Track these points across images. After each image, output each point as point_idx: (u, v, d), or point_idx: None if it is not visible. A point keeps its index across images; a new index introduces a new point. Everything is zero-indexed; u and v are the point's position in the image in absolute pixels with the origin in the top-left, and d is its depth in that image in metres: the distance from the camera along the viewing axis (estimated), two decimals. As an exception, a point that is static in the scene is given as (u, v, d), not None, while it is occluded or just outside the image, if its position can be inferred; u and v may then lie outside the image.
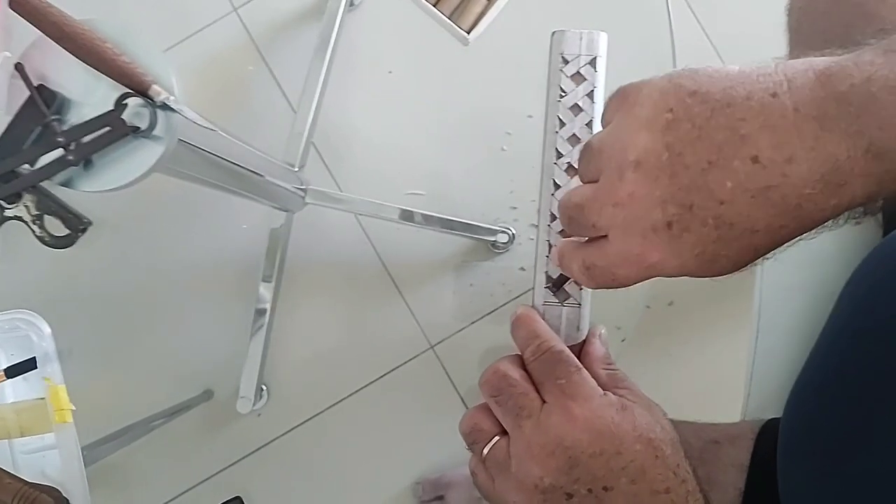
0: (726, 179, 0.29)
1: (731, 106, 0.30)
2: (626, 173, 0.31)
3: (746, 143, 0.29)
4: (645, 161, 0.31)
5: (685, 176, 0.30)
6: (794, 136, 0.29)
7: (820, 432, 0.44)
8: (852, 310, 0.45)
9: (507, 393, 0.38)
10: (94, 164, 0.55)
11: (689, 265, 0.31)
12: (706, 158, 0.30)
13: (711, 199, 0.30)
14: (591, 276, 0.36)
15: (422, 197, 1.13)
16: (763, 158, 0.29)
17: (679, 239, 0.31)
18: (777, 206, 0.29)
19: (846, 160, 0.28)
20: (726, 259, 0.31)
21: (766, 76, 0.30)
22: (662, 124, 0.31)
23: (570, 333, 0.41)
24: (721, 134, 0.29)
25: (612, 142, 0.33)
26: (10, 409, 0.62)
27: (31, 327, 0.60)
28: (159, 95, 0.54)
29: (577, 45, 0.41)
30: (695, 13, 1.17)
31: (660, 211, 0.31)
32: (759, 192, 0.29)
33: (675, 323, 1.13)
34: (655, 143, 0.31)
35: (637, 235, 0.32)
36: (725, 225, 0.30)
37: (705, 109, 0.30)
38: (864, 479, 0.40)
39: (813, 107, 0.29)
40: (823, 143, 0.28)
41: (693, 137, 0.30)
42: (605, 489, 0.35)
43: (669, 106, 0.31)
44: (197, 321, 1.12)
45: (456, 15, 0.62)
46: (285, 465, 1.11)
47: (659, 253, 0.31)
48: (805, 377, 0.48)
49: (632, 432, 0.36)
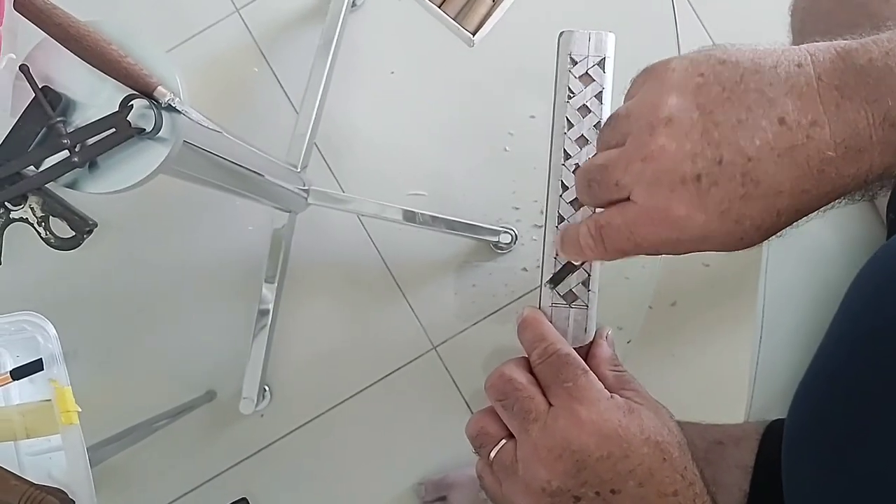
0: (755, 137, 0.31)
1: (759, 73, 0.31)
2: (658, 129, 0.32)
3: (774, 106, 0.31)
4: (677, 118, 0.32)
5: (716, 132, 0.31)
6: (817, 101, 0.30)
7: (825, 432, 0.44)
8: (860, 309, 0.45)
9: (514, 397, 0.38)
10: (99, 166, 0.55)
11: (714, 223, 0.32)
12: (736, 117, 0.31)
13: (740, 155, 0.31)
14: (602, 238, 0.35)
15: (424, 197, 1.13)
16: (789, 120, 0.31)
17: (707, 193, 0.31)
18: (801, 168, 0.31)
19: (865, 127, 0.30)
20: (749, 221, 0.32)
21: (791, 51, 0.32)
22: (693, 87, 0.32)
23: (578, 335, 0.41)
24: (750, 96, 0.31)
25: (642, 105, 0.34)
26: (16, 411, 0.62)
27: (37, 329, 0.60)
28: (164, 97, 0.54)
29: (585, 46, 0.41)
30: (697, 13, 1.17)
31: (690, 163, 0.31)
32: (785, 151, 0.31)
33: (679, 323, 1.13)
34: (687, 102, 0.32)
35: (665, 188, 0.32)
36: (752, 182, 0.31)
37: (735, 74, 0.32)
38: (870, 479, 0.40)
39: (835, 76, 0.31)
40: (844, 110, 0.30)
41: (723, 98, 0.31)
42: (612, 492, 0.35)
43: (700, 71, 0.32)
44: (200, 322, 1.12)
45: (461, 16, 0.62)
46: (288, 465, 1.11)
47: (685, 207, 0.32)
48: (811, 377, 0.48)
49: (639, 435, 0.36)
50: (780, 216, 0.32)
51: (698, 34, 1.17)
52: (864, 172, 0.31)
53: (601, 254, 0.36)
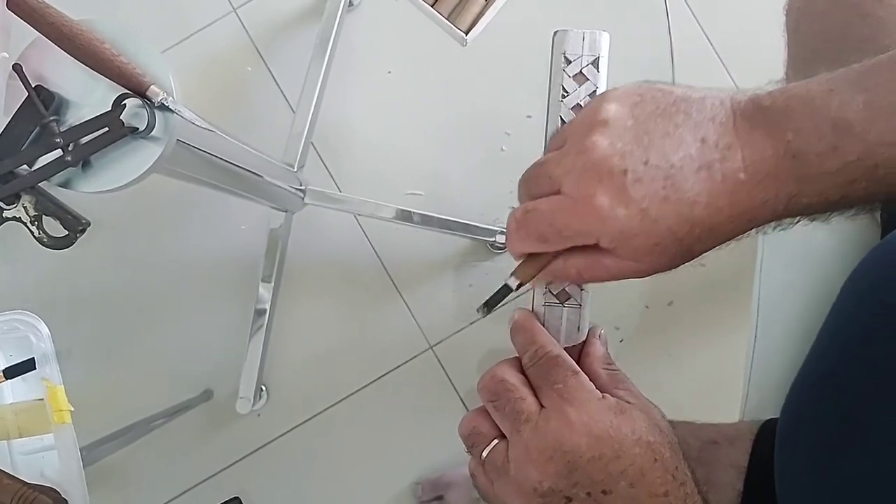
0: (679, 148, 0.34)
1: (688, 101, 0.36)
2: (595, 128, 0.35)
3: (698, 128, 0.35)
4: (613, 121, 0.35)
5: (646, 138, 0.35)
6: (732, 130, 0.35)
7: (817, 431, 0.44)
8: (852, 309, 0.45)
9: (505, 398, 0.38)
10: (92, 165, 0.55)
11: (633, 219, 0.34)
12: (665, 130, 0.35)
13: (665, 160, 0.34)
14: (525, 221, 0.37)
15: (421, 197, 1.13)
16: (709, 140, 0.35)
17: (631, 187, 0.34)
18: (716, 184, 0.34)
19: (771, 156, 0.34)
20: (665, 224, 0.34)
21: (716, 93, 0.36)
22: (631, 102, 0.36)
23: (571, 334, 0.41)
24: (679, 116, 0.35)
25: (584, 113, 0.37)
26: (8, 410, 0.62)
27: (30, 328, 0.60)
28: (157, 96, 0.54)
29: (579, 45, 0.41)
30: (693, 11, 1.17)
31: (619, 159, 0.34)
32: (704, 165, 0.34)
33: (674, 323, 1.13)
34: (623, 112, 0.36)
35: (593, 178, 0.35)
36: (672, 186, 0.34)
37: (668, 98, 0.36)
38: (861, 478, 0.40)
39: (747, 113, 0.35)
40: (754, 139, 0.34)
41: (656, 114, 0.35)
42: (604, 493, 0.35)
43: (640, 92, 0.36)
44: (196, 321, 1.12)
45: (454, 15, 0.62)
46: (284, 465, 1.11)
47: (609, 198, 0.34)
48: (803, 376, 0.48)
49: (630, 436, 0.36)
50: (693, 229, 0.34)
51: (695, 33, 1.17)
52: (772, 199, 0.34)
53: (522, 237, 0.38)
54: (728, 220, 0.35)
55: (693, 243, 0.35)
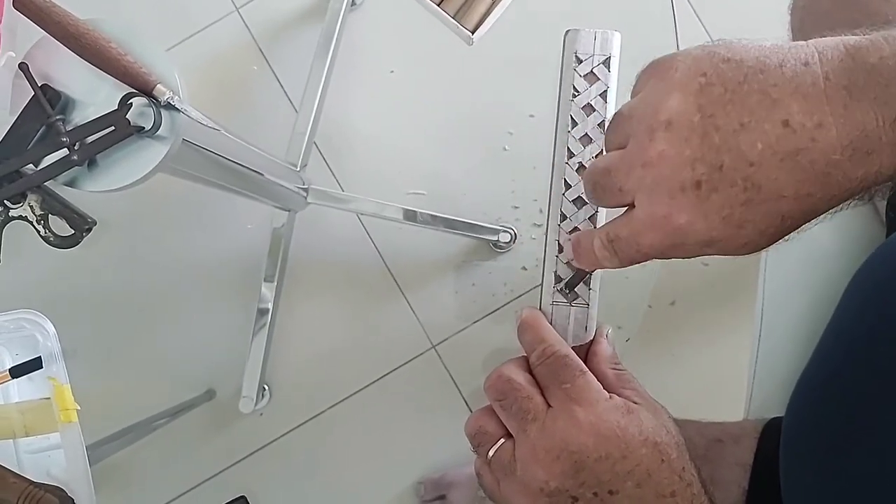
0: (757, 141, 0.30)
1: (764, 72, 0.30)
2: (657, 133, 0.31)
3: (778, 107, 0.30)
4: (676, 121, 0.31)
5: (716, 136, 0.30)
6: (824, 102, 0.29)
7: (823, 430, 0.44)
8: (857, 308, 0.45)
9: (512, 397, 0.38)
10: (98, 164, 0.55)
11: (716, 229, 0.31)
12: (738, 120, 0.30)
13: (742, 160, 0.30)
14: (615, 250, 0.35)
15: (423, 196, 1.13)
16: (794, 122, 0.29)
17: (707, 200, 0.31)
18: (805, 171, 0.30)
19: (874, 128, 0.29)
20: (752, 225, 0.31)
21: (798, 48, 0.31)
22: (695, 87, 0.31)
23: (579, 333, 0.41)
24: (753, 97, 0.30)
25: (643, 106, 0.33)
26: (14, 409, 0.62)
27: (36, 327, 0.60)
28: (164, 95, 0.54)
29: (591, 45, 0.41)
30: (696, 11, 1.17)
31: (689, 170, 0.31)
32: (789, 155, 0.30)
33: (678, 322, 1.13)
34: (688, 104, 0.31)
35: (665, 195, 0.31)
36: (754, 187, 0.30)
37: (738, 74, 0.30)
38: (866, 479, 0.40)
39: (843, 76, 0.29)
40: (852, 111, 0.29)
41: (725, 100, 0.30)
42: (610, 493, 0.35)
43: (703, 70, 0.31)
44: (199, 321, 1.12)
45: (460, 14, 0.62)
46: (287, 464, 1.11)
47: (686, 214, 0.31)
48: (809, 375, 0.48)
49: (637, 436, 0.36)
50: (785, 220, 0.31)
51: (697, 32, 1.17)
52: (873, 174, 0.30)
53: (617, 264, 0.36)
54: (822, 202, 0.31)
55: (784, 231, 0.32)
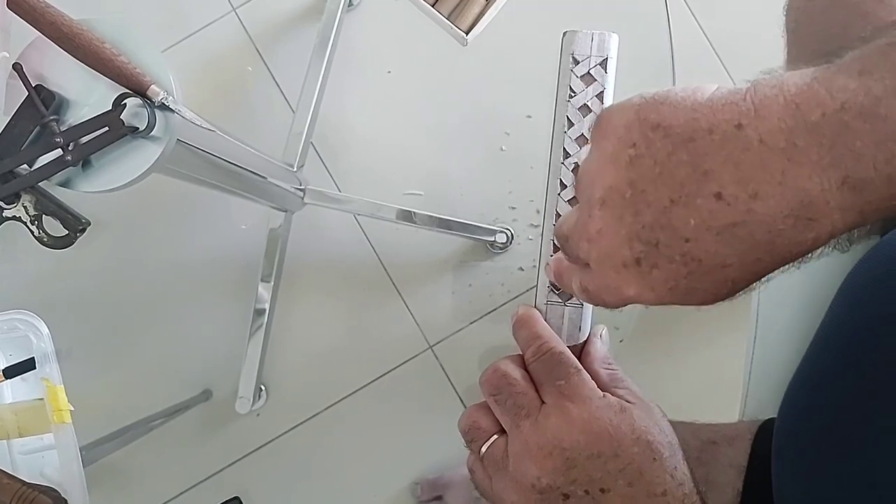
0: (689, 217, 0.29)
1: (694, 140, 0.28)
2: (594, 210, 0.31)
3: (709, 179, 0.28)
4: (609, 199, 0.31)
5: (648, 214, 0.29)
6: (758, 169, 0.27)
7: (813, 432, 0.44)
8: (847, 309, 0.45)
9: (507, 392, 0.38)
10: (92, 165, 0.55)
11: (665, 297, 0.31)
12: (668, 196, 0.29)
13: (676, 237, 0.29)
14: (587, 298, 0.36)
15: (420, 197, 1.13)
16: (726, 195, 0.28)
17: (650, 275, 0.30)
18: (745, 242, 0.28)
19: (819, 193, 0.27)
20: (703, 292, 0.30)
21: (732, 105, 0.28)
22: (626, 160, 0.30)
23: (572, 333, 0.42)
24: (683, 170, 0.28)
25: (585, 176, 0.33)
26: (8, 410, 0.62)
27: (30, 328, 0.60)
28: (158, 96, 0.54)
29: (588, 46, 0.41)
30: (692, 10, 1.17)
31: (627, 248, 0.30)
32: (724, 228, 0.28)
33: (673, 323, 1.13)
34: (619, 179, 0.30)
35: (610, 270, 0.32)
36: (694, 261, 0.29)
37: (667, 144, 0.29)
38: (856, 481, 0.40)
39: (780, 137, 0.27)
40: (792, 177, 0.27)
41: (655, 174, 0.29)
42: (601, 491, 0.35)
43: (633, 141, 0.30)
44: (195, 321, 1.12)
45: (454, 15, 0.62)
46: (284, 465, 1.11)
47: (633, 287, 0.31)
48: (800, 376, 0.48)
49: (630, 434, 0.36)
50: (737, 282, 0.30)
51: (693, 32, 1.17)
52: (826, 235, 0.28)
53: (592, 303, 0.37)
54: (772, 265, 0.29)
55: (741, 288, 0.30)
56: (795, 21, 0.64)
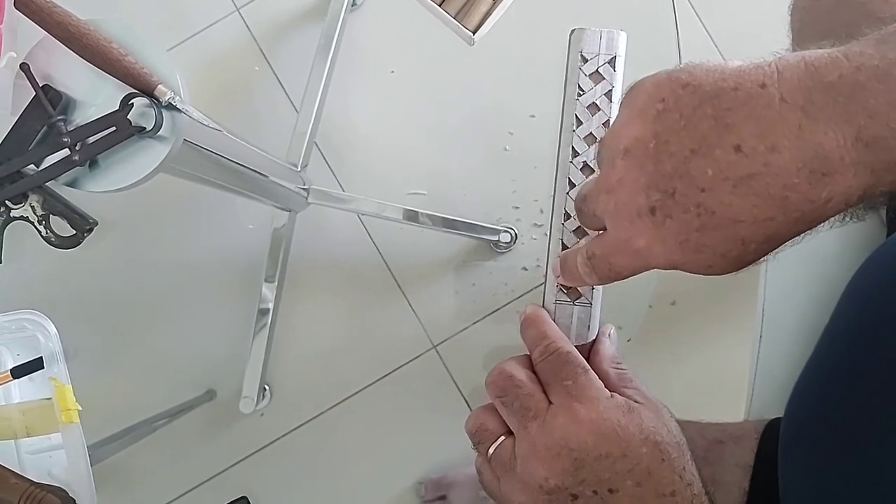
0: (707, 167, 0.30)
1: (719, 97, 0.30)
2: (617, 160, 0.32)
3: (730, 132, 0.29)
4: (633, 149, 0.32)
5: (669, 163, 0.30)
6: (777, 124, 0.29)
7: (820, 432, 0.44)
8: (856, 309, 0.45)
9: (513, 394, 0.38)
10: (99, 165, 0.55)
11: (675, 253, 0.32)
12: (689, 146, 0.30)
13: (692, 187, 0.30)
14: (591, 267, 0.36)
15: (424, 197, 1.13)
16: (745, 147, 0.29)
17: (662, 225, 0.31)
18: (760, 196, 0.29)
19: (834, 149, 0.28)
20: (711, 250, 0.31)
21: (758, 69, 0.30)
22: (653, 114, 0.31)
23: (581, 333, 0.41)
24: (706, 123, 0.30)
25: (611, 133, 0.34)
26: (16, 410, 0.62)
27: (38, 327, 0.60)
28: (165, 96, 0.54)
29: (596, 44, 0.41)
30: (696, 10, 1.17)
31: (644, 196, 0.31)
32: (741, 180, 0.29)
33: (678, 322, 1.13)
34: (645, 131, 0.31)
35: (625, 220, 0.32)
36: (707, 213, 0.30)
37: (694, 100, 0.30)
38: (863, 480, 0.40)
39: (800, 96, 0.29)
40: (808, 132, 0.28)
41: (679, 126, 0.30)
42: (610, 491, 0.35)
43: (662, 96, 0.31)
44: (200, 321, 1.12)
45: (461, 15, 0.62)
46: (288, 464, 1.11)
47: (645, 238, 0.32)
48: (806, 376, 0.48)
49: (638, 435, 0.36)
50: (747, 244, 0.30)
51: (698, 32, 1.17)
52: (840, 195, 0.29)
53: (596, 281, 0.37)
54: (786, 225, 0.30)
55: (749, 254, 0.31)
56: (800, 21, 0.64)
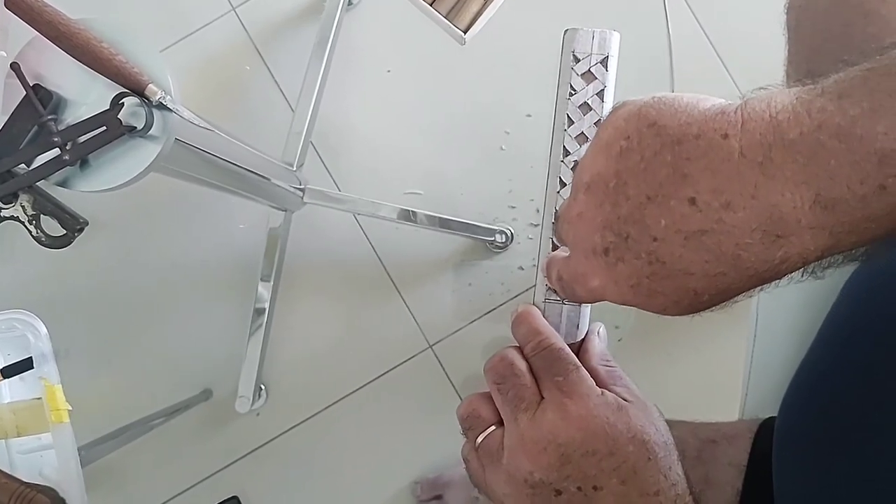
0: (661, 217, 0.29)
1: (681, 143, 0.29)
2: (579, 193, 0.33)
3: (686, 184, 0.29)
4: (594, 185, 0.32)
5: (625, 206, 0.30)
6: (734, 180, 0.28)
7: (815, 431, 0.44)
8: (850, 311, 0.45)
9: (511, 382, 0.38)
10: (90, 164, 0.55)
11: (627, 295, 0.32)
12: (646, 193, 0.30)
13: (645, 234, 0.30)
14: (561, 287, 0.37)
15: (420, 196, 1.13)
16: (700, 201, 0.28)
17: (615, 267, 0.31)
18: (711, 252, 0.29)
19: (790, 211, 0.27)
20: (664, 297, 0.31)
21: (723, 116, 0.29)
22: (617, 151, 0.31)
23: (570, 331, 0.41)
24: (664, 170, 0.29)
25: (581, 162, 0.34)
26: (6, 409, 0.62)
27: (28, 327, 0.60)
28: (155, 95, 0.54)
29: (589, 44, 0.41)
30: (692, 9, 1.17)
31: (599, 236, 0.31)
32: (693, 234, 0.29)
33: (672, 322, 1.12)
34: (608, 168, 0.31)
35: (581, 255, 0.33)
36: (658, 262, 0.30)
37: (656, 143, 0.30)
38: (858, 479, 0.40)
39: (759, 152, 0.28)
40: (764, 192, 0.27)
41: (640, 169, 0.30)
42: (594, 488, 0.35)
43: (628, 133, 0.31)
44: (195, 321, 1.12)
45: (452, 14, 0.62)
46: (283, 464, 1.11)
47: (598, 278, 0.32)
48: (801, 376, 0.48)
49: (625, 433, 0.36)
50: (699, 295, 0.30)
51: (694, 31, 1.17)
52: (796, 255, 0.28)
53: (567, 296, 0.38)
54: (737, 281, 0.29)
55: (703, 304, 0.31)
56: (796, 19, 0.64)
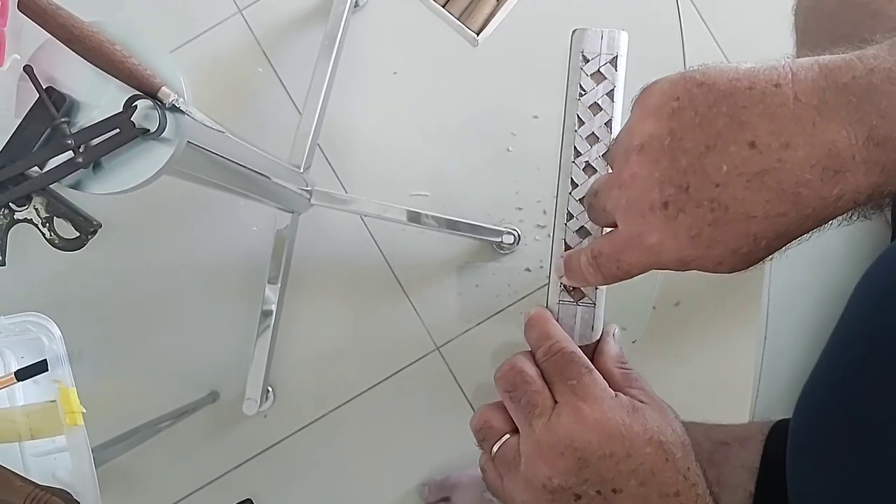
0: (722, 163, 0.30)
1: (734, 95, 0.31)
2: (631, 156, 0.33)
3: (744, 129, 0.30)
4: (648, 145, 0.32)
5: (683, 159, 0.31)
6: (792, 122, 0.30)
7: (830, 435, 0.44)
8: (865, 312, 0.45)
9: (522, 389, 0.38)
10: (103, 167, 0.56)
11: (686, 249, 0.32)
12: (704, 143, 0.31)
13: (707, 182, 0.31)
14: (597, 266, 0.37)
15: (427, 198, 1.13)
16: (760, 143, 0.30)
17: (675, 220, 0.32)
18: (773, 191, 0.30)
19: (846, 147, 0.29)
20: (723, 245, 0.31)
21: (772, 69, 0.31)
22: (668, 112, 0.32)
23: (585, 333, 0.41)
24: (721, 120, 0.31)
25: (624, 131, 0.34)
26: (20, 412, 0.62)
27: (42, 330, 0.60)
28: (168, 97, 0.54)
29: (597, 44, 0.41)
30: (699, 11, 1.17)
31: (657, 191, 0.32)
32: (755, 176, 0.30)
33: (682, 323, 1.12)
34: (660, 128, 0.32)
35: (637, 215, 0.33)
36: (720, 208, 0.31)
37: (709, 98, 0.31)
38: (874, 482, 0.40)
39: (814, 96, 0.30)
40: (822, 130, 0.29)
41: (694, 124, 0.31)
42: (614, 491, 0.35)
43: (677, 95, 0.32)
44: (203, 323, 1.12)
45: (465, 15, 0.62)
46: (291, 466, 1.11)
47: (657, 233, 0.32)
48: (815, 379, 0.48)
49: (642, 435, 0.36)
50: (758, 241, 0.31)
51: (701, 33, 1.17)
52: (850, 192, 0.30)
53: (601, 281, 0.38)
54: (797, 221, 0.30)
55: (759, 250, 0.32)
56: (804, 21, 0.64)
